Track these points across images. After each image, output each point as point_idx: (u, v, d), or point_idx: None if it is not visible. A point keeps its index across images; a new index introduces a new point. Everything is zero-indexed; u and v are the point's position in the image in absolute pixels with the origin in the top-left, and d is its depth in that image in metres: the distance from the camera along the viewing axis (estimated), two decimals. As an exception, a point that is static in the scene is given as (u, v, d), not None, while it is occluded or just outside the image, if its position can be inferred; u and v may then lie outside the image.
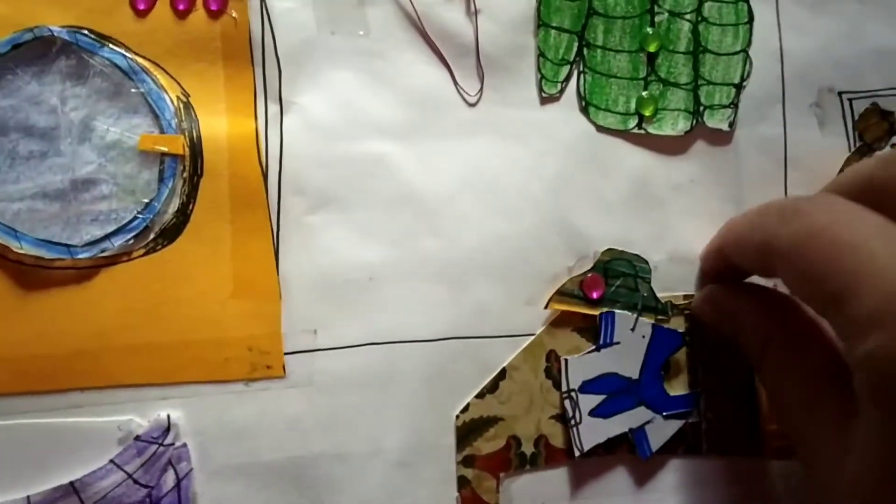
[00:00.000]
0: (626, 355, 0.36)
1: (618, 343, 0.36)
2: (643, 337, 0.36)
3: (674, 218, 0.37)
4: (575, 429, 0.35)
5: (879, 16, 0.39)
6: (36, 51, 0.33)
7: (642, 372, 0.36)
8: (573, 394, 0.35)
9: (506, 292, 0.36)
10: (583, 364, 0.35)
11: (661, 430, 0.36)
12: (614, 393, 0.35)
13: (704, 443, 0.36)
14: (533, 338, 0.36)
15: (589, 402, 0.35)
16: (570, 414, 0.35)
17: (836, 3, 0.39)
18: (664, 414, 0.36)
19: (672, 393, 0.36)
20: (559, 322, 0.36)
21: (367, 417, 0.34)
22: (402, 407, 0.34)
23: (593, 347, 0.36)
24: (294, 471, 0.33)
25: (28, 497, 0.31)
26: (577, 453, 0.35)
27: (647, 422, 0.35)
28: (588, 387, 0.35)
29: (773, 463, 0.37)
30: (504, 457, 0.35)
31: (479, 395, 0.35)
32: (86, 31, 0.33)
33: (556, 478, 0.35)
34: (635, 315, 0.36)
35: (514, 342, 0.35)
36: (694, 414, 0.36)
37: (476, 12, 0.36)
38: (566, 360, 0.35)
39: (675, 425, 0.36)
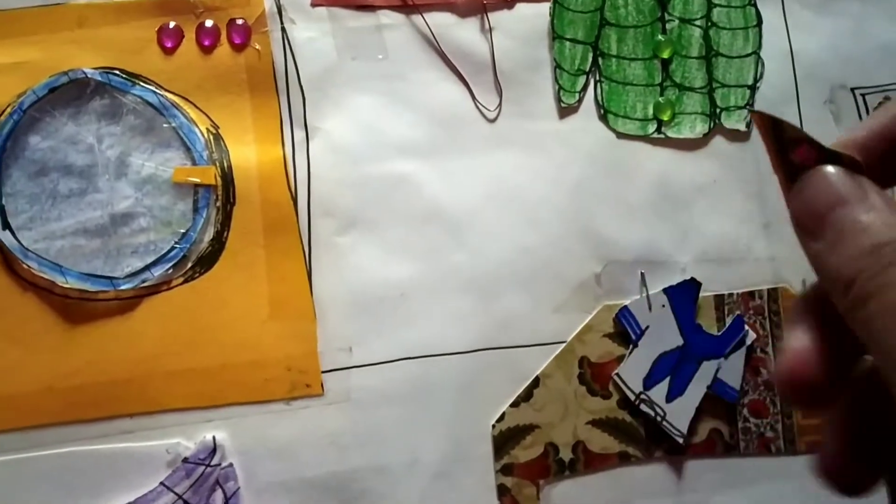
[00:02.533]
0: (660, 331, 0.36)
1: (647, 327, 0.36)
2: (663, 306, 0.36)
3: (699, 218, 0.37)
4: (665, 422, 0.36)
5: (880, 14, 0.40)
6: (71, 93, 0.34)
7: (683, 333, 0.36)
8: (643, 395, 0.36)
9: (534, 301, 0.36)
10: (632, 367, 0.36)
11: (733, 369, 0.36)
12: (673, 368, 0.36)
13: (741, 441, 0.37)
14: (564, 345, 0.36)
15: (660, 392, 0.36)
16: (654, 413, 0.36)
17: (838, 3, 0.40)
18: (725, 353, 0.36)
19: (717, 332, 0.37)
20: (589, 328, 0.36)
21: (404, 430, 0.35)
22: (438, 419, 0.35)
23: (630, 348, 0.36)
24: (336, 485, 0.34)
25: (83, 523, 0.32)
26: (681, 441, 0.35)
27: (717, 370, 0.36)
28: (650, 380, 0.36)
29: (808, 458, 0.37)
30: (542, 464, 0.35)
31: (514, 404, 0.35)
32: (117, 72, 0.35)
33: (596, 482, 0.36)
34: (644, 295, 0.36)
35: (545, 350, 0.36)
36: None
37: (490, 29, 0.37)
38: (616, 375, 0.36)
39: (740, 356, 0.36)
